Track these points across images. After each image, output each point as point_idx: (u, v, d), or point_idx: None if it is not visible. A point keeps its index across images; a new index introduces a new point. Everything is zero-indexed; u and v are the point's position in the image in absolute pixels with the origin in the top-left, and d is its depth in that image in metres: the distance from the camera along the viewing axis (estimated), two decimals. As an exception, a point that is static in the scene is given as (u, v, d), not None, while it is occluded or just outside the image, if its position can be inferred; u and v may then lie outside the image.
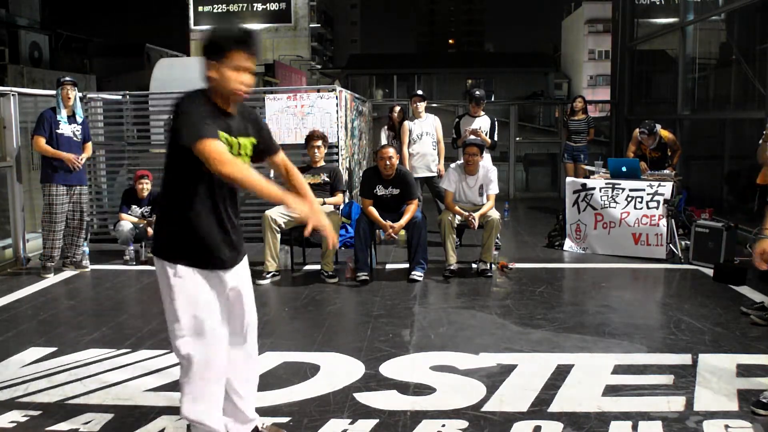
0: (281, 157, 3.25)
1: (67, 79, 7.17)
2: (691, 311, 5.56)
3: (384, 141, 9.21)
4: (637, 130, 8.78)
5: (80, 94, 7.81)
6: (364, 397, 3.90)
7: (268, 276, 6.66)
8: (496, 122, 8.60)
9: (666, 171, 8.14)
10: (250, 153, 3.07)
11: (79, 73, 31.28)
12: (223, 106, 2.93)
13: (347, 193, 8.28)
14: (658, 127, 8.64)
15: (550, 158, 14.50)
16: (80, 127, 7.19)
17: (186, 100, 2.87)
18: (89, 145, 7.35)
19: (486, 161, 7.50)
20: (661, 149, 8.71)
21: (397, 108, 9.70)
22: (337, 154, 8.41)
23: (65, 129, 7.04)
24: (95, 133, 8.54)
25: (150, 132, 9.37)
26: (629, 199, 7.65)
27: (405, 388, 4.04)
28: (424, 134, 8.56)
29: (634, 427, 3.49)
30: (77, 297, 6.48)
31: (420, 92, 8.85)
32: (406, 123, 8.70)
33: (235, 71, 2.85)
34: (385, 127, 9.68)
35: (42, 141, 6.92)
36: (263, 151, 3.18)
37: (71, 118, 7.11)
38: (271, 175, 7.50)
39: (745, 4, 9.14)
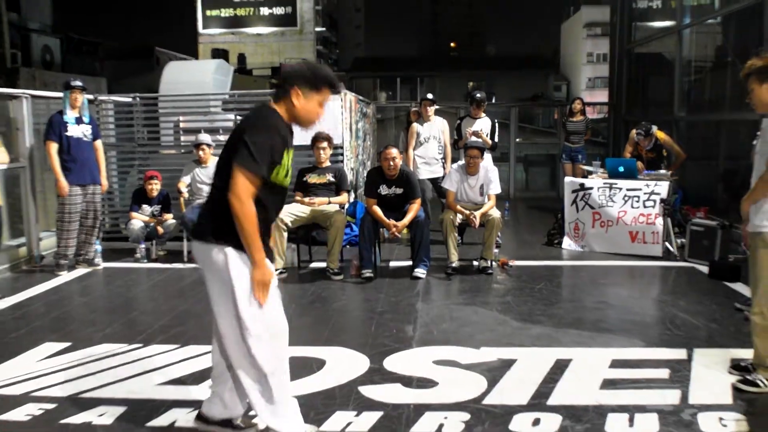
0: None
1: (77, 83, 7.16)
2: (687, 307, 5.58)
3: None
4: (634, 131, 8.81)
5: (90, 97, 7.84)
6: (368, 391, 3.93)
7: (275, 273, 6.68)
8: (497, 124, 8.64)
9: (662, 171, 8.15)
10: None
11: (89, 75, 31.35)
12: (290, 123, 3.21)
13: (352, 193, 8.30)
14: (655, 128, 8.66)
15: (550, 159, 14.50)
16: (89, 126, 7.21)
17: (266, 118, 3.10)
18: (99, 143, 7.38)
19: (487, 162, 7.51)
20: (657, 150, 8.73)
21: (414, 110, 9.70)
22: (342, 154, 8.42)
23: (74, 131, 7.06)
24: (106, 135, 8.57)
25: (160, 133, 9.39)
26: (626, 198, 7.66)
27: (408, 381, 4.07)
28: (431, 137, 8.59)
29: (631, 420, 3.51)
30: (90, 294, 6.52)
31: (430, 96, 8.85)
32: (415, 125, 8.73)
33: (319, 106, 3.19)
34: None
35: (54, 147, 6.95)
36: None
37: (79, 119, 7.14)
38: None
39: (741, 7, 9.14)
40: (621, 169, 7.95)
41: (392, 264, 7.38)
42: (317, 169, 7.18)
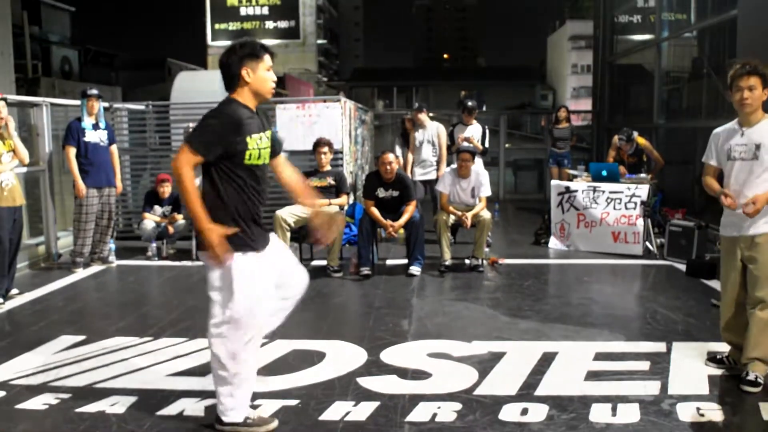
0: (283, 158, 3.50)
1: (93, 92, 7.16)
2: (666, 303, 5.56)
3: (399, 150, 9.18)
4: (617, 136, 8.80)
5: (106, 104, 7.82)
6: (366, 382, 3.90)
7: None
8: (487, 130, 8.62)
9: (642, 175, 8.14)
10: (269, 144, 3.26)
11: (105, 85, 31.30)
12: (252, 106, 3.19)
13: (351, 195, 8.27)
14: (635, 134, 8.65)
15: (537, 163, 14.45)
16: (105, 132, 7.19)
17: (219, 108, 3.13)
18: (114, 148, 7.36)
19: (478, 166, 7.49)
20: (638, 155, 8.72)
21: (408, 117, 9.69)
22: (341, 159, 8.40)
23: (92, 136, 7.04)
24: (120, 140, 8.54)
25: (171, 139, 9.35)
26: (609, 200, 7.64)
27: (404, 373, 4.04)
28: (425, 142, 8.60)
29: (614, 410, 3.49)
30: (104, 290, 6.49)
31: (416, 105, 8.92)
32: (415, 132, 8.79)
33: (267, 71, 3.17)
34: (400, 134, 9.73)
35: (72, 151, 6.93)
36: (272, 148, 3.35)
37: (95, 126, 7.11)
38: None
39: (715, 22, 9.14)
40: (604, 173, 7.94)
41: (389, 262, 7.36)
42: (318, 172, 7.15)
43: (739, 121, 3.93)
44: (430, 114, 8.94)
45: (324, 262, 6.87)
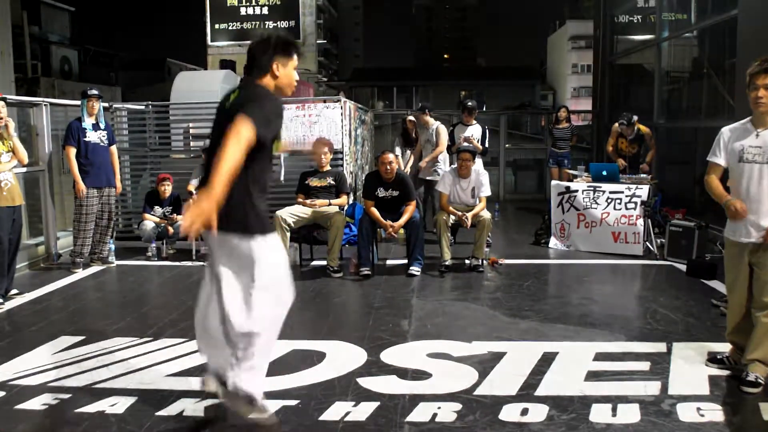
0: None
1: (94, 92, 7.17)
2: (666, 303, 5.56)
3: (398, 150, 9.26)
4: (617, 123, 8.85)
5: (106, 104, 7.82)
6: (366, 382, 3.90)
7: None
8: (487, 130, 8.64)
9: (643, 175, 8.15)
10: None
11: (105, 85, 31.30)
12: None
13: (351, 195, 8.28)
14: (636, 118, 8.68)
15: (537, 163, 14.46)
16: (105, 132, 7.20)
17: (272, 98, 3.11)
18: (114, 148, 7.37)
19: (478, 166, 7.50)
20: (638, 141, 8.76)
21: (410, 118, 9.70)
22: (341, 159, 8.40)
23: (92, 136, 7.04)
24: (120, 140, 8.54)
25: (170, 139, 9.36)
26: (609, 200, 7.65)
27: (404, 373, 4.04)
28: (426, 142, 8.63)
29: (614, 410, 3.49)
30: (104, 290, 6.48)
31: (419, 105, 8.97)
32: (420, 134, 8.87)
33: (294, 69, 3.20)
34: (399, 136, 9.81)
35: (72, 151, 6.94)
36: None
37: (96, 126, 7.12)
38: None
39: (715, 22, 9.15)
40: (604, 173, 7.95)
41: (389, 262, 7.35)
42: (318, 172, 7.15)
43: (753, 122, 3.80)
44: (433, 114, 8.97)
45: (324, 263, 6.88)
